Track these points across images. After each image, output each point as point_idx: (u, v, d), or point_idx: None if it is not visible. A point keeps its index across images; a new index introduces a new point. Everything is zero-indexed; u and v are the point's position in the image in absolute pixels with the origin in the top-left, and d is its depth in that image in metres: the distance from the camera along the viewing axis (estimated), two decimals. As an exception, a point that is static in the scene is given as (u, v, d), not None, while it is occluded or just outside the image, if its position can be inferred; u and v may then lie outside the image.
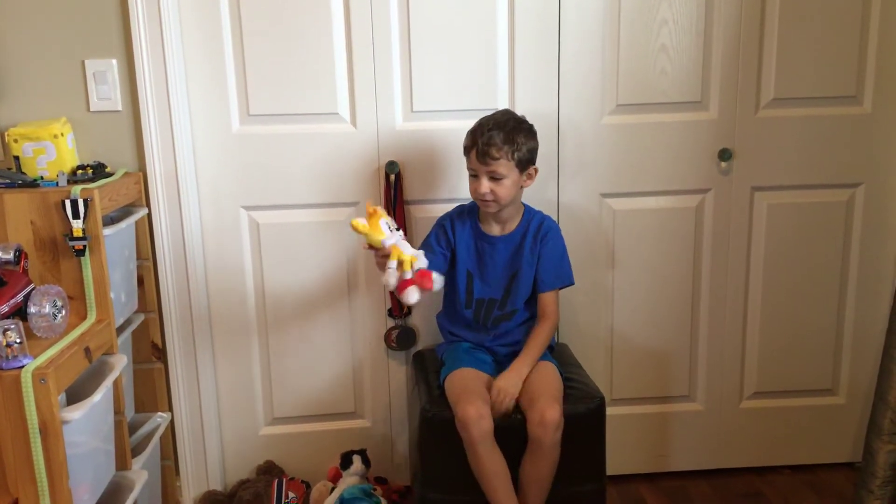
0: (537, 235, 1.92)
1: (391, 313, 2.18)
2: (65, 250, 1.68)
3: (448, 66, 2.05)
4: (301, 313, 2.17)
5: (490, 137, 1.80)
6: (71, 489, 1.49)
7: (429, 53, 2.04)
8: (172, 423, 2.13)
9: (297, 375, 2.21)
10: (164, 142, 1.97)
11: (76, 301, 1.70)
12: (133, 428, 1.98)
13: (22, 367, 1.43)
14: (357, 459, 2.16)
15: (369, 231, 1.64)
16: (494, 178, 1.82)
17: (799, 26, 2.08)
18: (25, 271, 1.62)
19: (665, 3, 2.05)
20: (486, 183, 1.83)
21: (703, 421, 2.32)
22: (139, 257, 2.00)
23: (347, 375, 2.23)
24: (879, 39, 2.10)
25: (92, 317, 1.71)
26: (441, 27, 2.03)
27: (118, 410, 1.76)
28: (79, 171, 1.81)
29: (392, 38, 2.03)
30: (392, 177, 2.08)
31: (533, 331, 1.92)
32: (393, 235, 1.65)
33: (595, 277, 2.21)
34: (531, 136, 1.86)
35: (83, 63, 1.93)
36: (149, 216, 2.00)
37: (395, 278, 1.66)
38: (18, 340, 1.44)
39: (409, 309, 2.18)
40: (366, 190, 2.10)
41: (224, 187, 2.08)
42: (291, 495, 2.11)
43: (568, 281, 1.97)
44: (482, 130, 1.82)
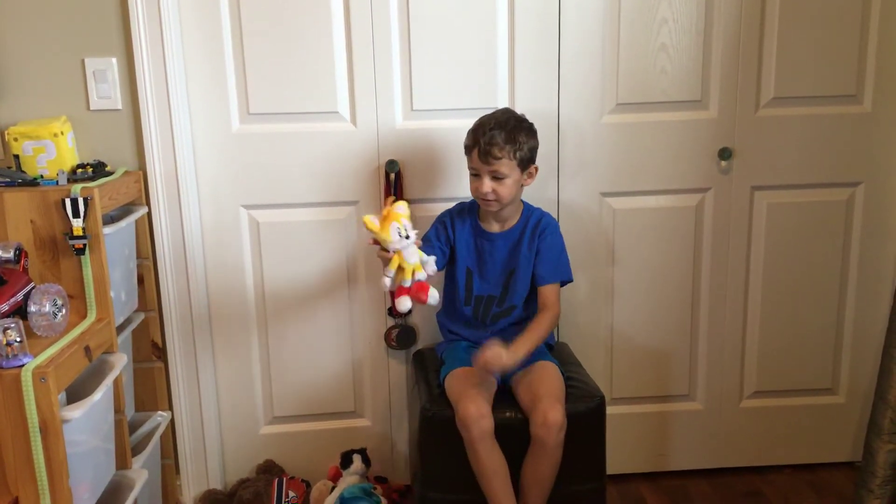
0: (535, 231, 1.92)
1: (391, 312, 2.18)
2: (65, 249, 1.68)
3: (448, 65, 2.05)
4: (301, 312, 2.17)
5: (492, 137, 1.79)
6: (71, 488, 1.49)
7: (429, 52, 2.04)
8: (172, 422, 2.13)
9: (297, 374, 2.21)
10: (164, 140, 1.96)
11: (76, 300, 1.70)
12: (133, 427, 1.98)
13: (22, 366, 1.43)
14: (357, 458, 2.16)
15: (378, 232, 1.64)
16: (496, 178, 1.82)
17: (799, 25, 2.08)
18: (25, 270, 1.62)
19: (665, 3, 2.05)
20: (489, 182, 1.83)
21: (703, 420, 2.32)
22: (139, 256, 2.00)
23: (347, 374, 2.23)
24: (879, 38, 2.10)
25: (92, 316, 1.71)
26: (441, 26, 2.03)
27: (118, 409, 1.76)
28: (79, 170, 1.81)
29: (392, 37, 2.03)
30: (392, 176, 2.08)
31: (533, 320, 1.89)
32: (401, 241, 1.64)
33: (595, 276, 2.21)
34: (532, 135, 1.86)
35: (83, 62, 1.93)
36: (149, 215, 2.00)
37: (390, 283, 1.67)
38: (18, 339, 1.44)
39: (410, 308, 2.17)
40: (366, 189, 2.11)
41: (224, 186, 2.08)
42: (291, 494, 2.11)
43: (566, 276, 1.95)
44: (484, 130, 1.81)
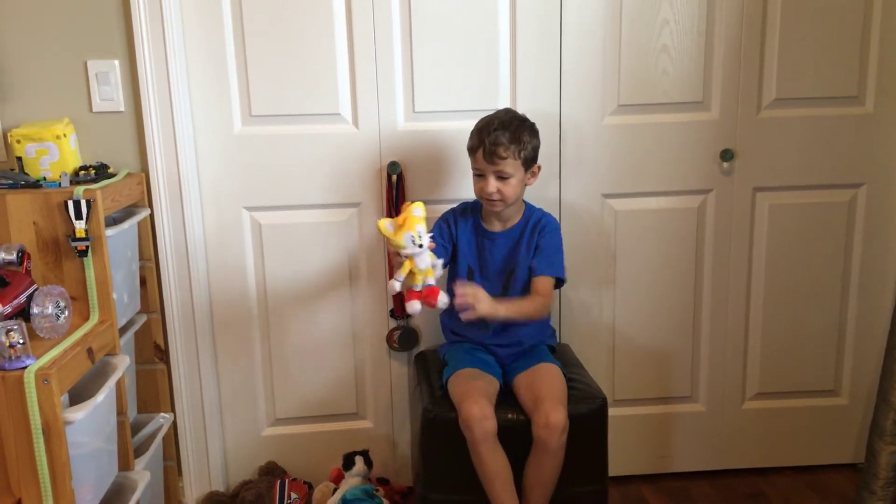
0: (535, 229, 1.92)
1: (393, 314, 2.18)
2: (67, 251, 1.68)
3: (450, 67, 2.05)
4: (303, 314, 2.17)
5: (497, 137, 1.80)
6: (73, 490, 1.49)
7: (430, 54, 2.04)
8: (175, 424, 2.13)
9: (300, 376, 2.21)
10: (167, 142, 1.97)
11: (79, 302, 1.70)
12: (136, 428, 1.98)
13: (25, 368, 1.43)
14: (359, 460, 2.16)
15: (391, 238, 1.67)
16: (501, 178, 1.83)
17: (801, 26, 2.08)
18: (28, 272, 1.62)
19: (666, 4, 2.06)
20: (494, 182, 1.83)
21: (706, 422, 2.32)
22: (141, 258, 2.00)
23: (349, 376, 2.23)
24: (881, 39, 2.10)
25: (94, 317, 1.71)
26: (443, 27, 2.03)
27: (121, 411, 1.76)
28: (81, 172, 1.81)
29: (394, 39, 2.03)
30: (394, 177, 2.08)
31: (524, 297, 1.89)
32: (413, 248, 1.66)
33: (597, 278, 2.21)
34: (535, 135, 1.88)
35: (85, 64, 1.93)
36: (151, 217, 2.00)
37: (399, 287, 1.70)
38: (21, 341, 1.44)
39: (411, 310, 2.18)
40: (368, 191, 2.11)
41: (226, 188, 2.08)
42: (294, 496, 2.11)
43: (559, 273, 1.92)
44: (488, 130, 1.82)
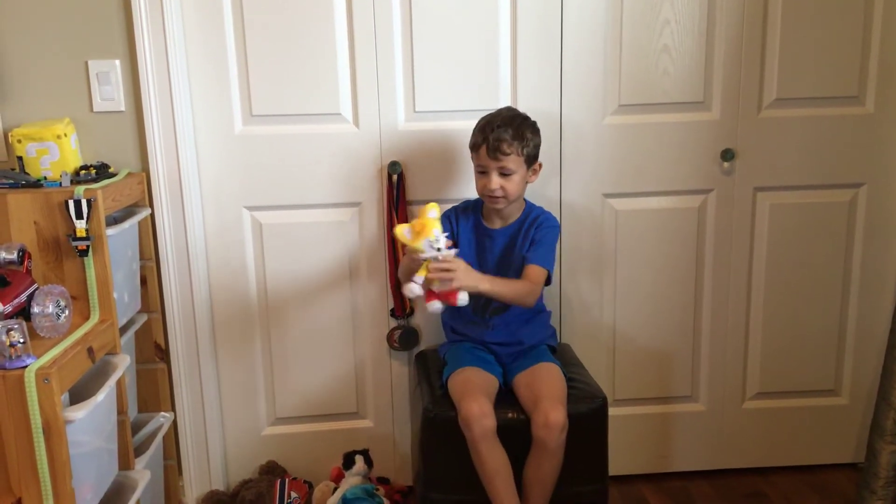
0: (533, 224, 1.93)
1: (393, 314, 2.18)
2: (68, 250, 1.68)
3: (450, 67, 2.05)
4: (304, 313, 2.18)
5: (500, 133, 1.82)
6: (74, 489, 1.50)
7: (431, 54, 2.04)
8: (175, 423, 2.13)
9: (300, 375, 2.22)
10: (167, 142, 1.97)
11: (79, 301, 1.70)
12: (136, 428, 1.98)
13: (25, 367, 1.43)
14: (359, 459, 2.16)
15: (409, 244, 1.72)
16: (504, 174, 1.85)
17: (801, 26, 2.08)
18: (29, 271, 1.63)
19: (667, 4, 2.05)
20: (497, 179, 1.84)
21: (706, 421, 2.32)
22: (142, 257, 2.00)
23: (350, 376, 2.23)
24: (882, 39, 2.10)
25: (95, 317, 1.71)
26: (443, 27, 2.03)
27: (121, 410, 1.76)
28: (82, 172, 1.81)
29: (394, 39, 2.03)
30: (394, 177, 2.08)
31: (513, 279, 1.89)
32: (432, 252, 1.70)
33: (597, 277, 2.21)
34: (536, 133, 1.89)
35: (86, 64, 1.93)
36: (152, 216, 2.00)
37: (419, 291, 1.74)
38: (22, 340, 1.44)
39: (412, 309, 2.18)
40: (368, 190, 2.11)
41: (227, 188, 2.08)
42: (294, 495, 2.11)
43: (547, 265, 1.90)
44: (492, 126, 1.84)
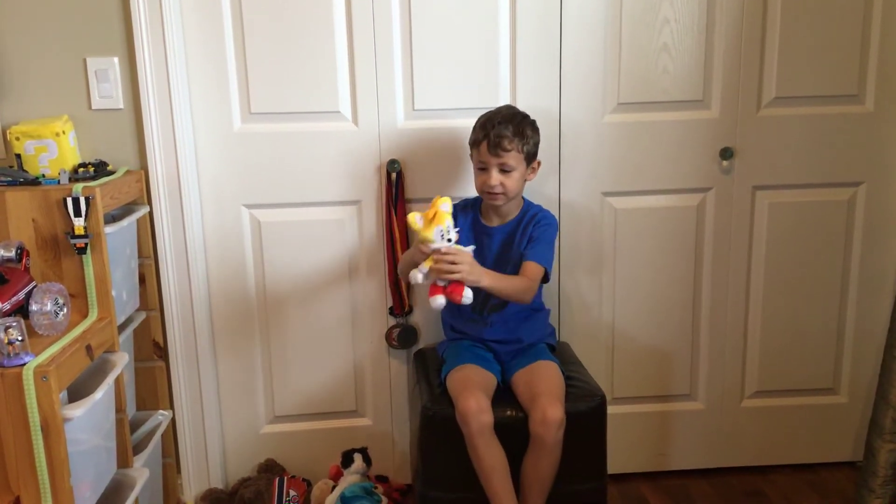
0: (531, 222, 1.94)
1: (392, 312, 2.18)
2: (66, 248, 1.68)
3: (450, 65, 2.05)
4: (302, 311, 2.17)
5: (501, 130, 1.83)
6: (72, 487, 1.49)
7: (430, 52, 2.04)
8: (174, 421, 2.13)
9: (299, 374, 2.21)
10: (166, 140, 1.97)
11: (78, 299, 1.70)
12: (134, 426, 1.98)
13: (23, 365, 1.43)
14: (358, 458, 2.16)
15: (421, 231, 1.73)
16: (504, 171, 1.85)
17: (801, 25, 2.08)
18: (27, 269, 1.62)
19: (667, 2, 2.05)
20: (497, 175, 1.85)
21: (704, 420, 2.32)
22: (141, 255, 2.00)
23: (349, 374, 2.23)
24: (881, 38, 2.10)
25: (93, 315, 1.71)
26: (443, 26, 2.03)
27: (119, 408, 1.76)
28: (80, 169, 1.81)
29: (394, 37, 2.03)
30: (393, 175, 2.08)
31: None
32: (442, 242, 1.72)
33: (596, 276, 2.21)
34: (536, 130, 1.90)
35: (85, 61, 1.93)
36: (150, 214, 2.00)
37: (422, 279, 1.75)
38: (20, 338, 1.44)
39: (411, 307, 2.18)
40: (367, 188, 2.11)
41: (225, 185, 2.08)
42: (292, 493, 2.11)
43: (544, 262, 1.90)
44: (493, 123, 1.85)
